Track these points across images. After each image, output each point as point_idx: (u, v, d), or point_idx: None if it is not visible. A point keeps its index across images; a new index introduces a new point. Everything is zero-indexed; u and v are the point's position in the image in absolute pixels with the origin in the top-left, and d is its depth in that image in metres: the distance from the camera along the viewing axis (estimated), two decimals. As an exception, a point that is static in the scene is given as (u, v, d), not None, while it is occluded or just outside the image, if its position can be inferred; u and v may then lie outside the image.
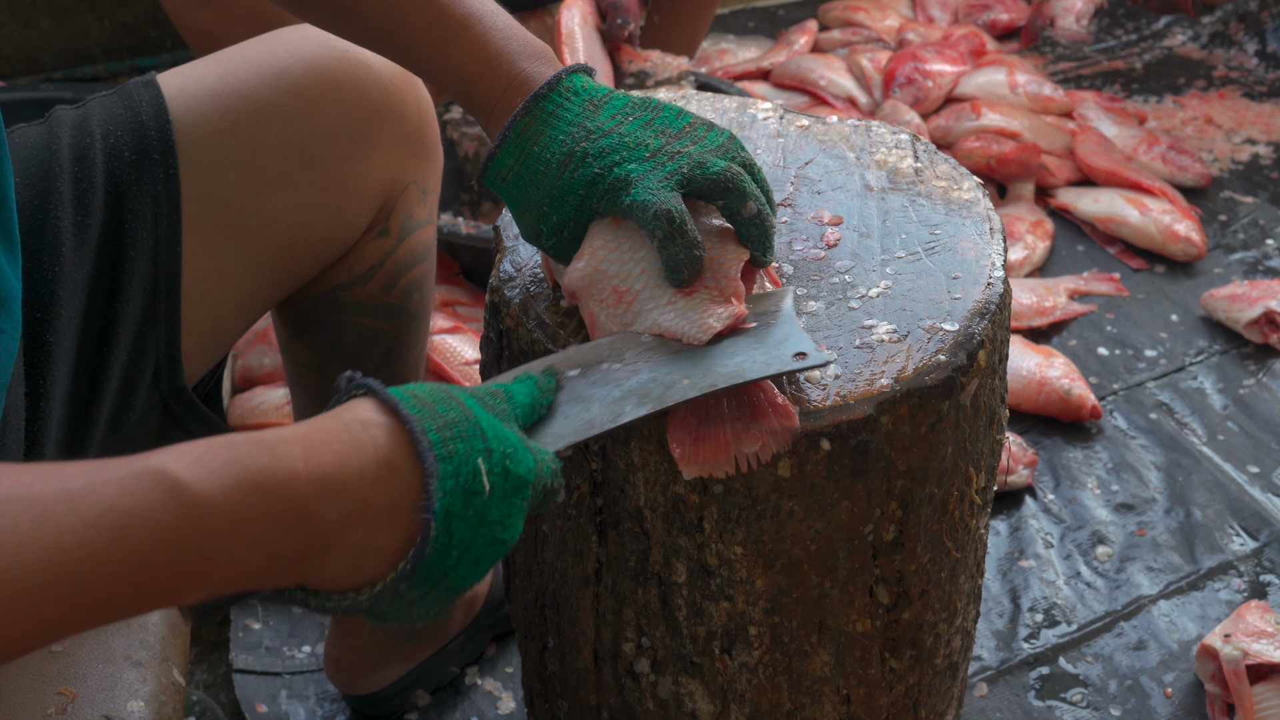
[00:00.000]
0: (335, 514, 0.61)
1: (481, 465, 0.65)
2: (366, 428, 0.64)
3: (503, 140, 0.82)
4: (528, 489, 0.67)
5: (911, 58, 2.47)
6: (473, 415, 0.67)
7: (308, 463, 0.61)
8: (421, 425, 0.64)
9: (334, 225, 1.00)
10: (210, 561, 0.58)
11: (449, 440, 0.65)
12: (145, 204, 0.90)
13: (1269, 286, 1.91)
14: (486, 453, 0.65)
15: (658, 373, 0.75)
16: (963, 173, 1.00)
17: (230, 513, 0.58)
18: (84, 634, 0.85)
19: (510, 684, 1.37)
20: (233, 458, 0.59)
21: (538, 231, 0.83)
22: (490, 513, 0.65)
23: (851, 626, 0.87)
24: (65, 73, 2.51)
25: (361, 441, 0.63)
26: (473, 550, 0.65)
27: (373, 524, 0.62)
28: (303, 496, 0.60)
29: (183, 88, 0.94)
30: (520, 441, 0.68)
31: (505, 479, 0.66)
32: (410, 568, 0.63)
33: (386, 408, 0.65)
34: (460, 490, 0.64)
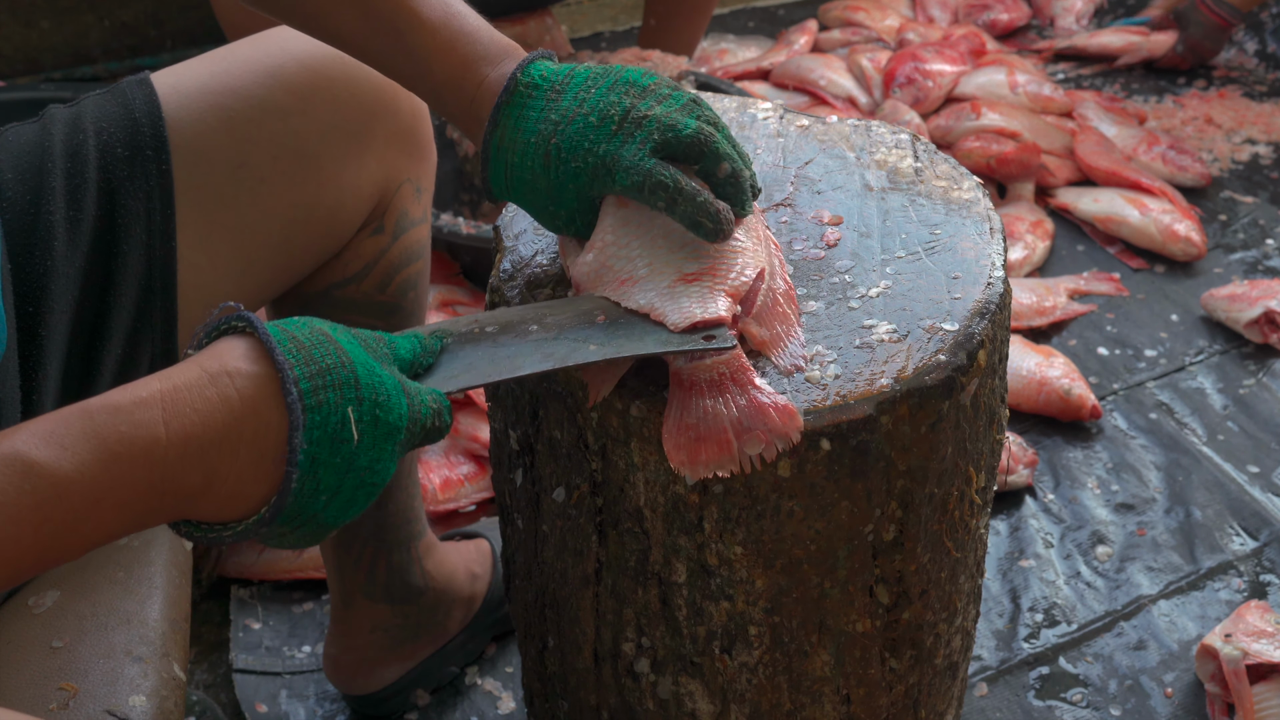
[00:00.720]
0: (200, 473, 0.63)
1: (351, 414, 0.66)
2: (233, 379, 0.65)
3: (486, 161, 0.83)
4: (400, 433, 0.68)
5: (911, 58, 2.47)
6: (349, 360, 0.67)
7: (168, 426, 0.62)
8: (293, 374, 0.65)
9: (328, 223, 1.00)
10: (81, 529, 0.61)
11: (320, 389, 0.65)
12: (138, 200, 0.90)
13: (1269, 286, 1.91)
14: (357, 400, 0.66)
15: (572, 336, 0.77)
16: (963, 172, 1.00)
17: (92, 485, 0.60)
18: (85, 630, 0.85)
19: (510, 684, 1.37)
20: (89, 430, 0.61)
21: (555, 225, 0.86)
22: (359, 459, 0.67)
23: (851, 626, 0.87)
24: (65, 73, 2.51)
25: (228, 395, 0.64)
26: (342, 493, 0.67)
27: (241, 475, 0.64)
28: (165, 461, 0.62)
29: (176, 86, 0.95)
30: (396, 385, 0.69)
31: (375, 426, 0.67)
32: (270, 514, 0.65)
33: (260, 352, 0.66)
34: (328, 439, 0.65)
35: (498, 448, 0.97)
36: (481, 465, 1.58)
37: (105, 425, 0.61)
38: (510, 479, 0.95)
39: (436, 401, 0.72)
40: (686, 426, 0.76)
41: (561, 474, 0.87)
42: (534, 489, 0.91)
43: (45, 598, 0.87)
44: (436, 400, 0.72)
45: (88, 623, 0.86)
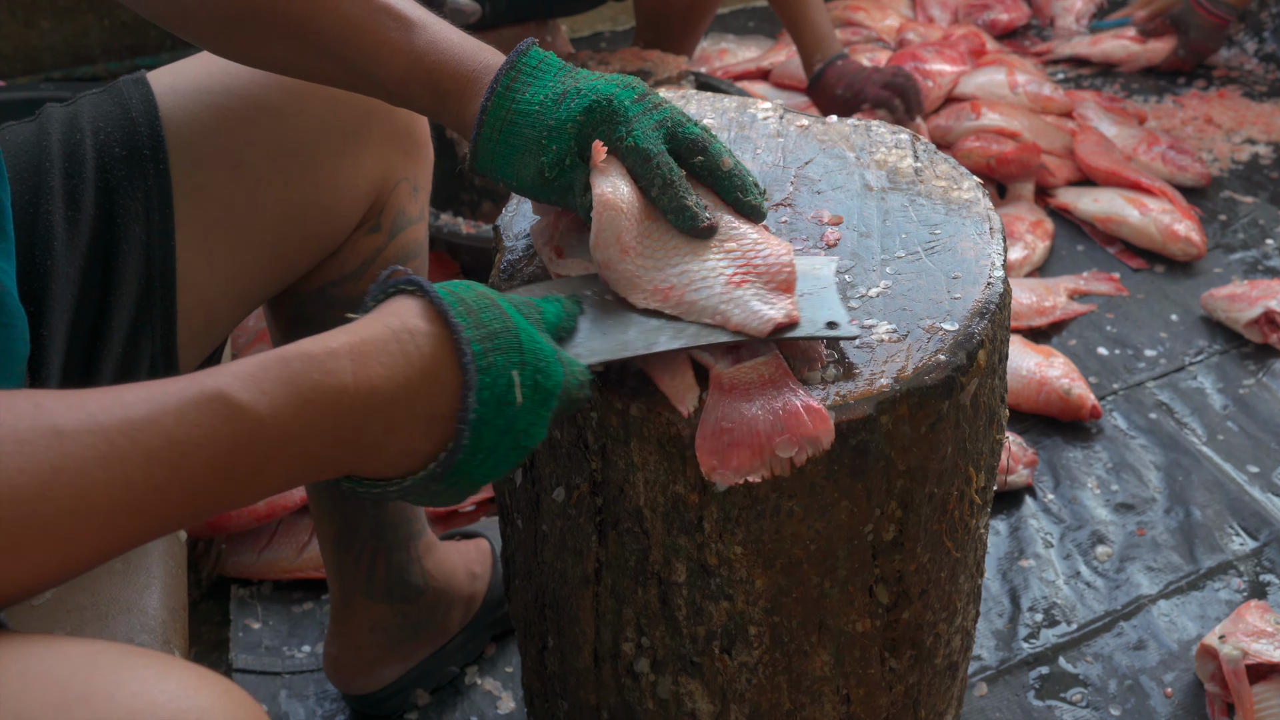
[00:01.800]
0: (381, 425, 0.65)
1: (516, 378, 0.68)
2: (414, 336, 0.67)
3: (492, 93, 0.82)
4: (554, 400, 0.71)
5: (911, 57, 2.47)
6: (513, 326, 0.70)
7: (356, 376, 0.64)
8: (467, 336, 0.67)
9: (325, 221, 1.00)
10: (263, 474, 0.62)
11: (490, 351, 0.68)
12: (136, 199, 0.90)
13: (1269, 286, 1.91)
14: (521, 365, 0.69)
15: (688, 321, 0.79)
16: (962, 172, 1.00)
17: (283, 430, 0.62)
18: (85, 620, 0.86)
19: (510, 683, 1.37)
20: (285, 375, 0.63)
21: (539, 169, 0.83)
22: (518, 421, 0.69)
23: (851, 626, 0.87)
24: (65, 72, 2.51)
25: (409, 351, 0.67)
26: (497, 453, 0.69)
27: (414, 430, 0.67)
28: (351, 410, 0.64)
29: (173, 85, 0.95)
30: (553, 353, 0.71)
31: (535, 391, 0.69)
32: (440, 470, 0.67)
33: (434, 313, 0.68)
34: (495, 401, 0.68)
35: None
36: (481, 465, 1.58)
37: (299, 372, 0.63)
38: (510, 479, 0.95)
39: (583, 374, 0.74)
40: (722, 430, 0.76)
41: (561, 474, 0.87)
42: (534, 489, 0.91)
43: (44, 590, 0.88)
44: (583, 372, 0.74)
45: (88, 613, 0.87)
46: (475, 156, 0.84)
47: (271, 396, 0.62)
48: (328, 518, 1.19)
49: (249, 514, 1.48)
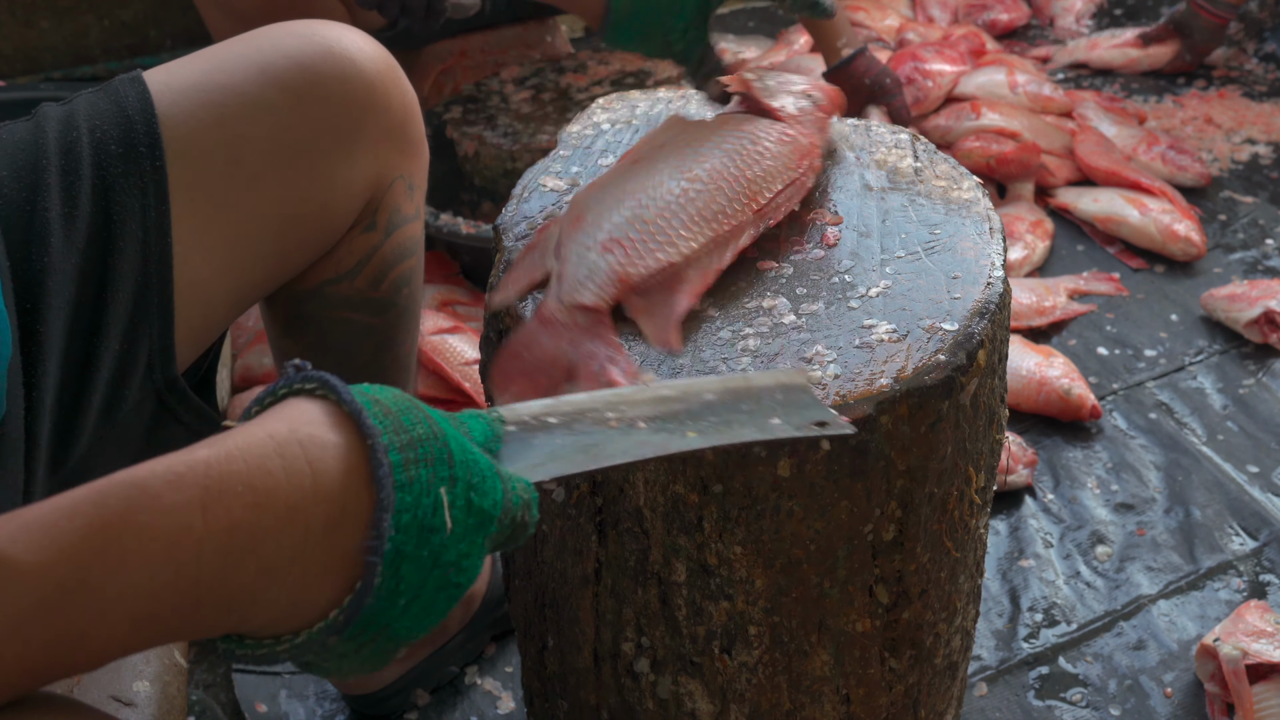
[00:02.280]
0: (247, 575, 0.51)
1: (444, 496, 0.55)
2: (306, 449, 0.53)
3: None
4: (493, 525, 0.58)
5: (911, 57, 2.47)
6: (440, 432, 0.57)
7: (208, 512, 0.50)
8: (384, 443, 0.54)
9: (321, 219, 1.01)
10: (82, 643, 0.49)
11: (411, 464, 0.54)
12: (133, 196, 0.91)
13: (1269, 286, 1.91)
14: (451, 480, 0.56)
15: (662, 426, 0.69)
16: (962, 172, 1.00)
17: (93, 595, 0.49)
18: None
19: (510, 683, 1.37)
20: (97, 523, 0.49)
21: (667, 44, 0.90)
22: (448, 552, 0.56)
23: (851, 626, 0.87)
24: (65, 72, 2.51)
25: (298, 470, 0.53)
26: (423, 596, 0.55)
27: (306, 574, 0.53)
28: (197, 560, 0.50)
29: (168, 83, 0.95)
30: (490, 466, 0.59)
31: (468, 513, 0.56)
32: (344, 619, 0.53)
33: (341, 418, 0.55)
34: (417, 526, 0.54)
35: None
36: (481, 465, 1.58)
37: (120, 515, 0.50)
38: (510, 479, 0.95)
39: (526, 491, 0.61)
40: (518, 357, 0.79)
41: (561, 474, 0.87)
42: (534, 489, 0.91)
43: None
44: (526, 490, 0.61)
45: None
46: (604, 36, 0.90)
47: (74, 553, 0.48)
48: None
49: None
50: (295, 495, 0.52)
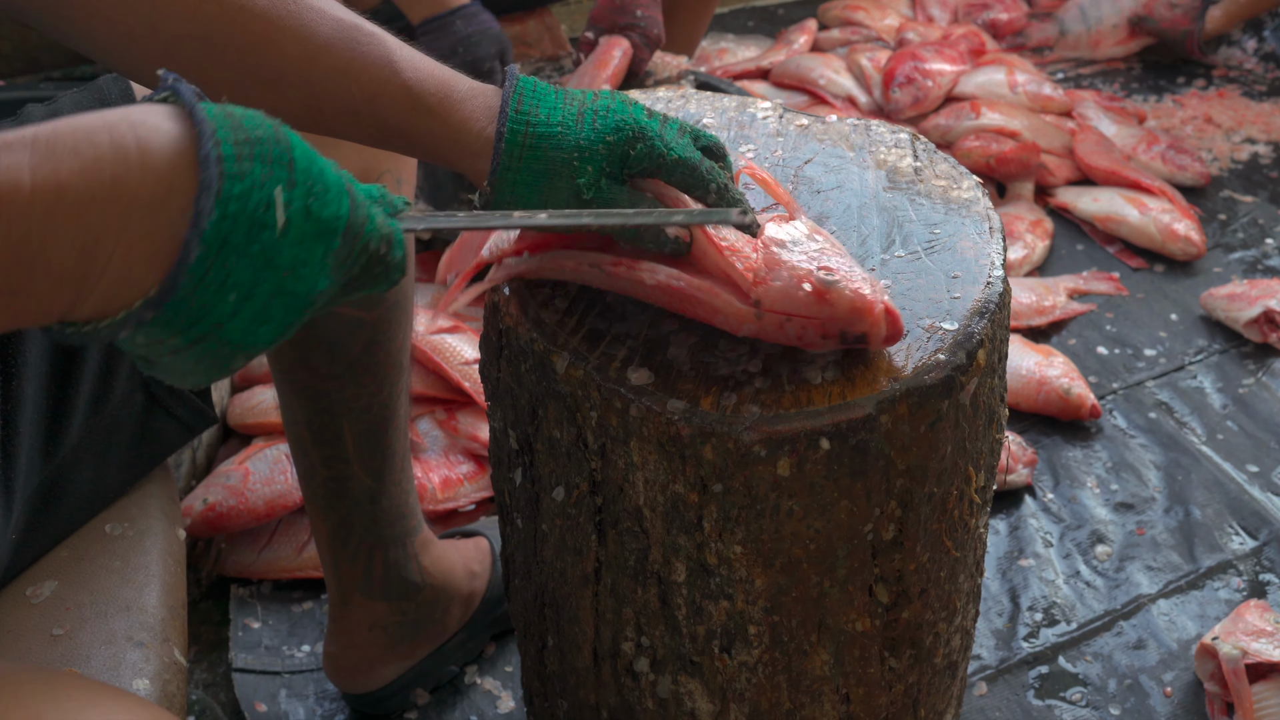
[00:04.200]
0: (75, 239, 0.52)
1: (278, 196, 0.56)
2: (136, 129, 0.54)
3: (505, 115, 0.77)
4: (335, 238, 0.59)
5: (911, 57, 2.47)
6: (286, 141, 0.58)
7: (35, 172, 0.51)
8: (214, 134, 0.55)
9: None
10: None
11: (245, 159, 0.55)
12: None
13: (1268, 286, 1.91)
14: (289, 184, 0.56)
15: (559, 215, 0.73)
16: (962, 172, 1.00)
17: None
18: (84, 618, 0.86)
19: (509, 683, 1.37)
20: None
21: (574, 191, 0.77)
22: (281, 254, 0.56)
23: (851, 626, 0.87)
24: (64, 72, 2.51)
25: (124, 144, 0.53)
26: (255, 297, 0.56)
27: (130, 249, 0.53)
28: (27, 215, 0.51)
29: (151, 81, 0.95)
30: (339, 183, 0.60)
31: (305, 218, 0.57)
32: (158, 294, 0.54)
33: (181, 114, 0.56)
34: (246, 218, 0.55)
35: (497, 447, 0.97)
36: (481, 464, 1.58)
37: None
38: (509, 478, 0.95)
39: (387, 226, 0.62)
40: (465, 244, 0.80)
41: (561, 473, 0.87)
42: (533, 488, 0.91)
43: (43, 588, 0.88)
44: (388, 225, 0.62)
45: (87, 610, 0.87)
46: (497, 189, 0.77)
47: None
48: (323, 515, 1.19)
49: (248, 514, 1.48)
50: (120, 167, 0.53)
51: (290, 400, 1.13)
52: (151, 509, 0.97)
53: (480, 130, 0.77)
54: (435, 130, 0.77)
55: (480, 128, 0.77)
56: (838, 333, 0.78)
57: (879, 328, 0.77)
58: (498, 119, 0.77)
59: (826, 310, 0.77)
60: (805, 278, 0.77)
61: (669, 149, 0.78)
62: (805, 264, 0.78)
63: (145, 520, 0.96)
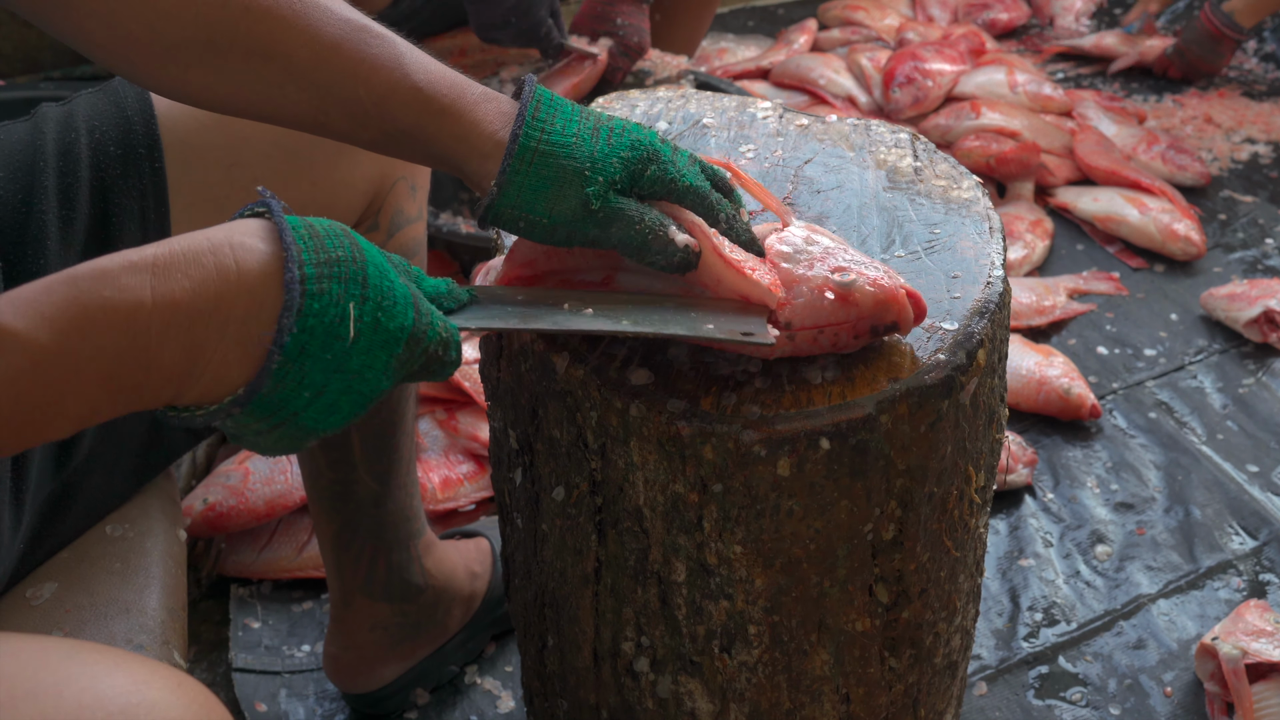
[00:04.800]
0: (183, 347, 0.61)
1: (351, 310, 0.64)
2: (235, 251, 0.62)
3: (521, 120, 0.76)
4: (399, 346, 0.66)
5: (911, 57, 2.47)
6: (362, 258, 0.65)
7: (155, 291, 0.60)
8: (299, 256, 0.63)
9: None
10: (61, 404, 0.59)
11: (325, 279, 0.63)
12: (132, 199, 0.90)
13: (1268, 285, 1.91)
14: (361, 299, 0.64)
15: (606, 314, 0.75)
16: (962, 172, 1.00)
17: (70, 357, 0.58)
18: (84, 620, 0.85)
19: (510, 683, 1.37)
20: (70, 296, 0.59)
21: (583, 201, 0.75)
22: (351, 360, 0.64)
23: (851, 625, 0.87)
24: (65, 72, 2.51)
25: (225, 265, 0.62)
26: (326, 394, 0.64)
27: (226, 355, 0.62)
28: (146, 331, 0.60)
29: None
30: (406, 295, 0.67)
31: (374, 330, 0.65)
32: (246, 395, 0.62)
33: (270, 234, 0.64)
34: (323, 330, 0.63)
35: (497, 447, 0.97)
36: (481, 464, 1.58)
37: (88, 291, 0.59)
38: (510, 478, 0.95)
39: (447, 330, 0.69)
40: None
41: (561, 473, 0.87)
42: (533, 488, 0.91)
43: (43, 590, 0.87)
44: (447, 329, 0.69)
45: (87, 613, 0.86)
46: (503, 189, 0.75)
47: (53, 320, 0.58)
48: (327, 517, 1.19)
49: (249, 513, 1.48)
50: (222, 285, 0.62)
51: None
52: (153, 510, 0.97)
53: (492, 133, 0.77)
54: (446, 131, 0.77)
55: (492, 130, 0.77)
56: (868, 329, 0.79)
57: (907, 313, 0.78)
58: (513, 123, 0.76)
59: (854, 311, 0.77)
60: (824, 286, 0.77)
61: (681, 175, 0.78)
62: (819, 271, 0.78)
63: (146, 522, 0.95)
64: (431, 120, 0.77)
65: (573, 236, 0.77)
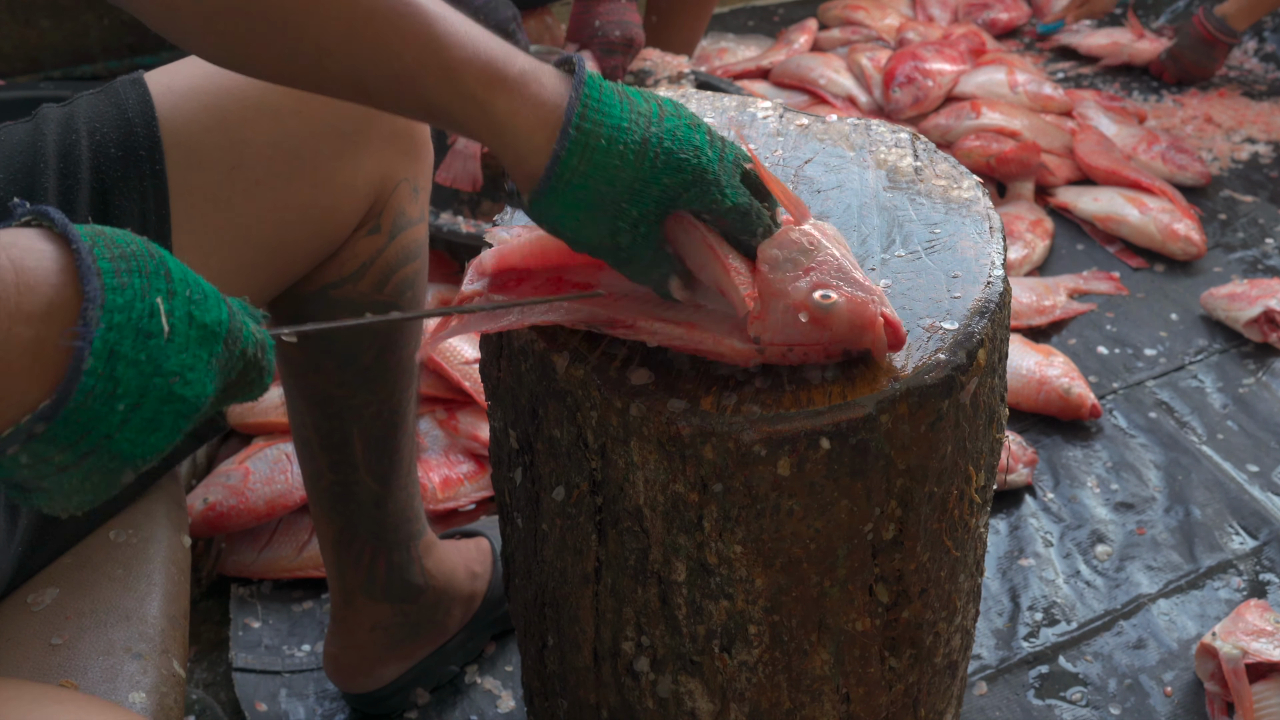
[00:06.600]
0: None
1: (161, 305, 0.57)
2: (9, 252, 0.55)
3: (565, 134, 0.72)
4: (218, 343, 0.60)
5: (911, 57, 2.47)
6: (159, 254, 0.60)
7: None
8: (91, 250, 0.56)
9: (324, 223, 1.00)
10: None
11: (124, 273, 0.57)
12: (132, 201, 0.90)
13: (1268, 285, 1.91)
14: (169, 293, 0.58)
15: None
16: (962, 171, 1.00)
17: None
18: (84, 627, 0.85)
19: (510, 682, 1.37)
20: None
21: (613, 231, 0.74)
22: (169, 360, 0.57)
23: (851, 625, 0.87)
24: (65, 71, 2.51)
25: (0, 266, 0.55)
26: (145, 405, 0.57)
27: (11, 365, 0.54)
28: None
29: (170, 85, 0.94)
30: (215, 292, 0.61)
31: (189, 324, 0.59)
32: (50, 407, 0.54)
33: (53, 235, 0.57)
34: (131, 328, 0.56)
35: (497, 446, 0.97)
36: (481, 464, 1.58)
37: None
38: (510, 478, 0.95)
39: (260, 333, 0.64)
40: None
41: (561, 473, 0.87)
42: (533, 487, 0.91)
43: (44, 595, 0.87)
44: (260, 332, 0.64)
45: (87, 620, 0.86)
46: (535, 202, 0.73)
47: None
48: (328, 518, 1.19)
49: (249, 513, 1.48)
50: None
51: (299, 405, 1.13)
52: (157, 515, 0.96)
53: (528, 134, 0.74)
54: (476, 118, 0.74)
55: (528, 131, 0.74)
56: (840, 352, 0.78)
57: (880, 341, 0.77)
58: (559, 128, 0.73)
59: (826, 334, 0.77)
60: (800, 306, 0.76)
61: (724, 197, 0.75)
62: (803, 286, 0.77)
63: (150, 527, 0.95)
64: (461, 105, 0.74)
65: (593, 253, 0.77)
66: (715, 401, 0.78)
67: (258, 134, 0.94)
